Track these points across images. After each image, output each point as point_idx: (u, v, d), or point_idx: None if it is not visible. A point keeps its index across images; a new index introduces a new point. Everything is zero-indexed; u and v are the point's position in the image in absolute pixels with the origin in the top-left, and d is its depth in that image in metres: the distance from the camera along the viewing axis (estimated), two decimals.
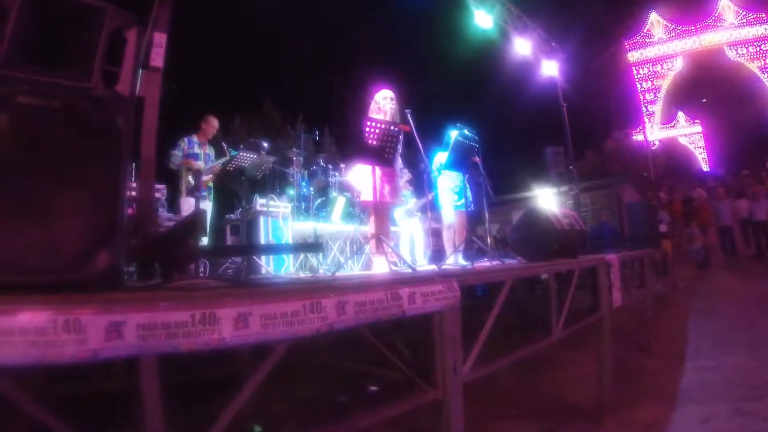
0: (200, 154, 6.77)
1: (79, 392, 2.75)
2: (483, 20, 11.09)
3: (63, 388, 2.42)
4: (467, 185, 5.90)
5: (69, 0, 1.98)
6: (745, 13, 39.20)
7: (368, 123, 4.36)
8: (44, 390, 1.64)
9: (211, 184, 6.77)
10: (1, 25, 1.85)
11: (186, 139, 6.75)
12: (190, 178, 6.45)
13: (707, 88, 40.52)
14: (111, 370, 3.14)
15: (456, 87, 38.64)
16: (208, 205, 6.63)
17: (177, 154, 6.61)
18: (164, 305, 1.55)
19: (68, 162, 1.79)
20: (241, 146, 7.61)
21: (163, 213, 6.20)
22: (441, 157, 5.98)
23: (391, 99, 5.29)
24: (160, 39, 3.97)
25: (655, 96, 42.89)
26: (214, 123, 7.22)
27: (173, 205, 6.74)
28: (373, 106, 5.28)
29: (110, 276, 1.82)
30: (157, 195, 5.23)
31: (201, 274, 4.55)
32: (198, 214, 4.45)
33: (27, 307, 1.36)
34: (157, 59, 3.85)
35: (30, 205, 1.71)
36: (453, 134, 5.74)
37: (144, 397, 1.64)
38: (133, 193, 4.34)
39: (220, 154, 7.07)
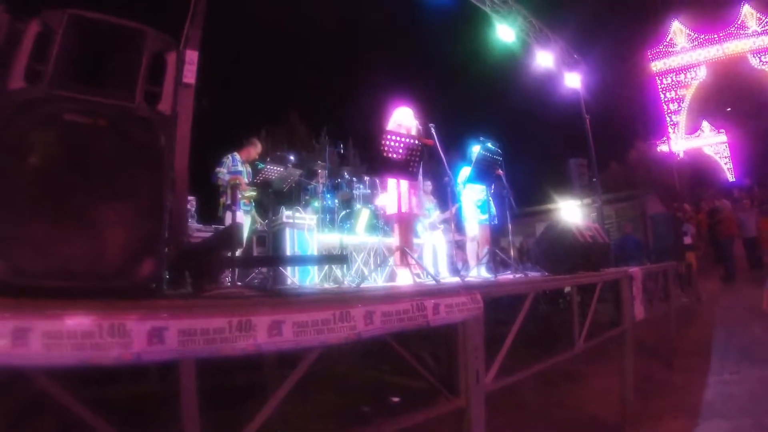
0: (243, 171, 7.05)
1: (110, 395, 2.86)
2: (505, 34, 11.18)
3: (95, 391, 2.51)
4: (491, 198, 5.94)
5: (111, 23, 2.09)
6: (767, 20, 38.67)
7: (389, 137, 4.43)
8: (78, 391, 1.73)
9: (253, 200, 7.00)
10: (47, 47, 1.96)
11: (230, 157, 7.04)
12: (238, 194, 6.67)
13: (731, 96, 39.92)
14: (143, 375, 3.25)
15: (479, 100, 38.82)
16: (247, 219, 6.84)
17: (223, 171, 6.90)
18: (203, 312, 1.64)
19: (114, 176, 1.91)
20: (268, 159, 7.79)
21: (193, 224, 6.35)
22: (466, 171, 6.05)
23: (411, 115, 5.37)
24: (192, 56, 4.12)
25: (679, 106, 42.39)
26: (259, 148, 7.57)
27: (216, 219, 6.94)
28: (391, 123, 5.35)
29: (152, 284, 1.92)
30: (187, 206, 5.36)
31: (238, 283, 4.68)
32: (233, 228, 4.56)
33: (74, 312, 1.46)
34: (190, 76, 3.99)
35: (78, 215, 1.82)
36: (475, 149, 5.79)
37: (182, 399, 1.72)
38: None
39: (255, 173, 7.29)
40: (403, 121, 5.31)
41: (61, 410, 1.64)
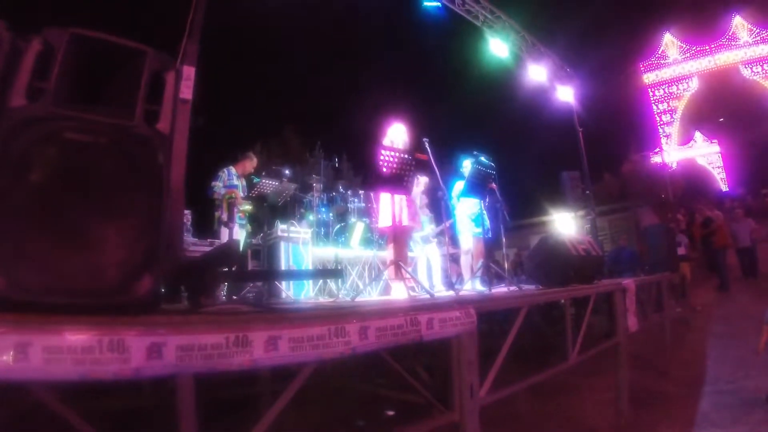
0: (239, 185, 7.08)
1: (104, 407, 2.87)
2: (499, 49, 11.29)
3: (88, 402, 2.52)
4: (485, 212, 5.98)
5: (112, 43, 2.12)
6: (758, 30, 39.08)
7: (383, 152, 4.47)
8: (72, 403, 1.75)
9: (248, 213, 7.01)
10: (48, 65, 1.99)
11: (226, 171, 7.07)
12: (233, 208, 6.69)
13: (724, 107, 40.22)
14: (137, 388, 3.26)
15: (473, 114, 39.07)
16: (242, 233, 6.85)
17: (219, 185, 6.93)
18: (201, 328, 1.67)
19: (113, 194, 1.94)
20: (264, 173, 7.81)
21: (188, 238, 6.36)
22: (459, 185, 6.10)
23: (403, 132, 5.43)
24: (189, 72, 4.15)
25: (672, 117, 42.71)
26: (255, 162, 7.60)
27: (211, 232, 6.94)
28: (386, 140, 5.40)
29: (150, 300, 1.94)
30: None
31: (233, 297, 4.69)
32: (231, 245, 4.57)
33: (74, 328, 1.49)
34: (186, 91, 4.02)
35: (78, 232, 1.85)
36: (466, 163, 5.85)
37: (181, 414, 1.74)
38: None
39: (250, 186, 7.31)
40: (395, 137, 5.36)
41: (55, 420, 1.66)
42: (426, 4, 10.15)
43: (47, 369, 1.42)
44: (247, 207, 6.87)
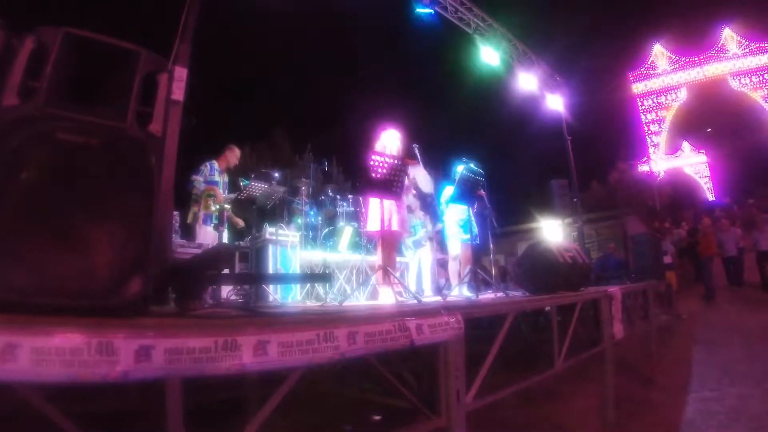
0: (220, 181, 6.93)
1: (89, 410, 2.84)
2: (490, 57, 11.37)
3: (74, 405, 2.50)
4: (473, 218, 6.00)
5: (106, 44, 2.12)
6: (747, 43, 39.68)
7: (374, 157, 4.48)
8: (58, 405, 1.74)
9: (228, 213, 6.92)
10: (41, 64, 1.98)
11: (208, 165, 6.90)
12: (212, 206, 6.59)
13: (711, 117, 40.75)
14: (123, 391, 3.23)
15: (463, 122, 39.26)
16: (216, 233, 6.75)
17: (199, 180, 6.77)
18: (190, 331, 1.67)
19: (105, 195, 1.93)
20: (253, 176, 7.76)
21: (176, 239, 6.30)
22: (448, 191, 6.11)
23: (397, 138, 5.44)
24: (181, 73, 4.12)
25: (660, 127, 43.19)
26: (237, 154, 7.43)
27: (188, 230, 6.83)
28: (378, 145, 5.41)
29: (140, 302, 1.94)
30: None
31: (221, 300, 4.66)
32: (223, 249, 4.55)
33: (63, 329, 1.48)
34: (178, 93, 3.98)
35: (69, 233, 1.84)
36: (459, 168, 5.88)
37: (169, 418, 1.74)
38: None
39: (233, 185, 7.20)
40: (388, 143, 5.37)
41: (42, 422, 1.65)
42: (419, 10, 10.19)
43: (35, 370, 1.42)
44: (227, 206, 6.79)
